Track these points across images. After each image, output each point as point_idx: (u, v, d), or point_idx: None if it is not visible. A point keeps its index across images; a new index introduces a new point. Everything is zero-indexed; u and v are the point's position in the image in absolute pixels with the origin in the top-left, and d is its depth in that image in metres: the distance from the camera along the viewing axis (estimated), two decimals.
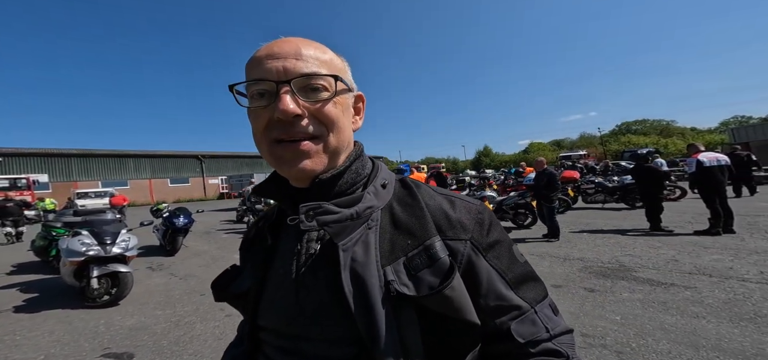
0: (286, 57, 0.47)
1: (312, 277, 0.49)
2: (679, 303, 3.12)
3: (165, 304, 4.08)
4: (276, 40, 0.50)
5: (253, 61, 0.49)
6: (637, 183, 6.98)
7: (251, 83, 0.48)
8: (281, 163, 0.49)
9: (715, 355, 2.27)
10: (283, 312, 0.50)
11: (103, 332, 3.32)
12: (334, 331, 0.47)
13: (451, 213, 0.52)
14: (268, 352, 0.53)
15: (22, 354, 2.95)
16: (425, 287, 0.45)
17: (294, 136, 0.47)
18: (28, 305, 4.20)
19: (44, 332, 3.37)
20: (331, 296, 0.47)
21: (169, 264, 6.33)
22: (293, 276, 0.50)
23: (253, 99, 0.49)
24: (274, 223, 0.58)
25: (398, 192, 0.55)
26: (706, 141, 33.90)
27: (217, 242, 8.56)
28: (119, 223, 4.64)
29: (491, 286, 0.49)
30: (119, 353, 2.88)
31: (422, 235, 0.49)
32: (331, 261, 0.48)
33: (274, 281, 0.53)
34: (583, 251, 5.26)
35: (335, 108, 0.49)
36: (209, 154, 36.97)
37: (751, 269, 3.84)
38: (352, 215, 0.49)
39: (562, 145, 56.68)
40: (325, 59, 0.50)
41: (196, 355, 2.82)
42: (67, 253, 3.97)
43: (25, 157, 26.02)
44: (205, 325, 3.42)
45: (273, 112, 0.46)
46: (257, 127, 0.50)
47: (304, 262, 0.50)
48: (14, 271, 6.29)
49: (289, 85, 0.46)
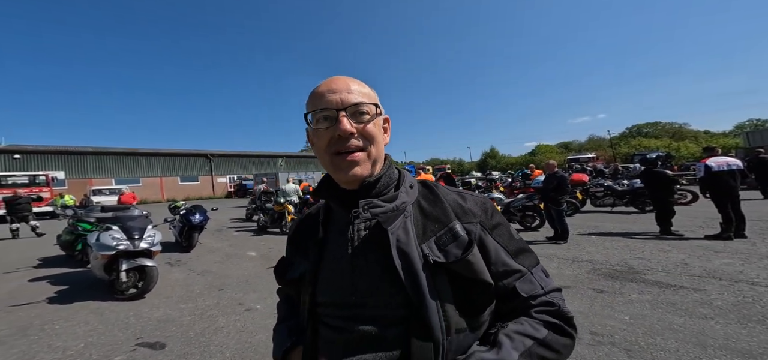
0: (341, 91, 0.64)
1: (364, 259, 0.63)
2: (687, 304, 3.20)
3: (187, 298, 4.27)
4: (331, 78, 0.67)
5: (316, 96, 0.65)
6: (647, 187, 6.99)
7: (318, 111, 0.64)
8: (339, 170, 0.65)
9: (722, 353, 2.36)
10: (340, 288, 0.64)
11: (134, 323, 3.52)
12: (386, 298, 0.60)
13: (464, 204, 0.69)
14: (329, 322, 0.65)
15: (63, 342, 3.16)
16: (452, 256, 0.61)
17: (347, 149, 0.64)
18: (61, 297, 4.44)
19: (79, 322, 3.59)
20: (382, 271, 0.61)
21: (186, 260, 6.55)
22: (348, 259, 0.64)
23: (317, 123, 0.65)
24: (322, 220, 0.73)
25: (422, 191, 0.72)
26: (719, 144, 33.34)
27: (229, 239, 8.79)
28: (145, 219, 4.85)
29: (498, 256, 0.65)
30: (152, 343, 3.07)
31: (445, 220, 0.66)
32: (379, 245, 0.62)
33: (329, 265, 0.67)
34: (591, 253, 5.32)
35: (374, 127, 0.66)
36: (218, 153, 37.50)
37: (762, 273, 3.88)
38: (394, 208, 0.65)
39: (569, 147, 56.04)
40: (366, 92, 0.67)
41: (221, 346, 2.98)
42: (98, 247, 4.19)
43: (42, 154, 26.76)
44: (227, 319, 3.58)
45: (334, 131, 0.63)
46: (321, 144, 0.65)
47: (356, 248, 0.64)
48: (40, 264, 6.58)
49: (346, 111, 0.63)
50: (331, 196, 0.70)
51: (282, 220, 9.24)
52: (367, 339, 0.60)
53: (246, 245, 7.85)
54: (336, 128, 0.62)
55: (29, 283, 5.27)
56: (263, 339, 3.04)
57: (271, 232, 9.56)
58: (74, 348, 3.02)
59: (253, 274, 5.31)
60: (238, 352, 2.84)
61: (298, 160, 46.29)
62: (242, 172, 38.55)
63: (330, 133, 0.63)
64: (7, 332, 3.41)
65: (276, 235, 9.06)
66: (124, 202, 14.39)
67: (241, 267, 5.78)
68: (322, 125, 0.64)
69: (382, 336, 0.59)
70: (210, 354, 2.83)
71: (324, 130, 0.64)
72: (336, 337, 0.63)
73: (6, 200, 11.03)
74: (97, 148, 30.24)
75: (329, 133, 0.63)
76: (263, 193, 11.79)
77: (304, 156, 49.61)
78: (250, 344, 2.97)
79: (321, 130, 0.64)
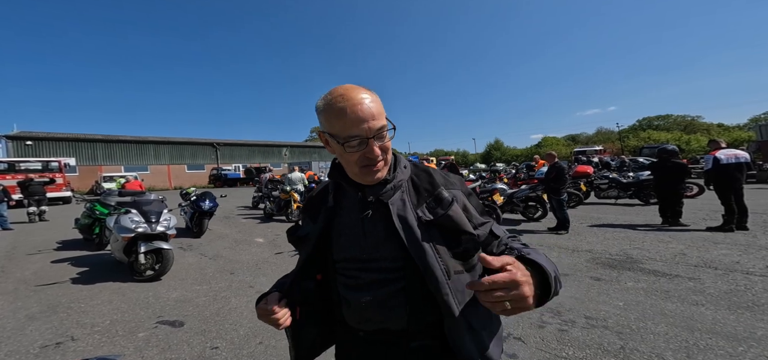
0: (368, 120, 0.75)
1: (372, 225, 0.82)
2: (681, 292, 3.32)
3: (201, 281, 4.49)
4: (353, 100, 0.75)
5: (344, 121, 0.75)
6: (657, 178, 6.94)
7: (350, 138, 0.76)
8: (366, 177, 0.80)
9: (708, 337, 2.49)
10: (355, 247, 0.83)
11: (154, 303, 3.74)
12: (389, 252, 0.80)
13: (448, 177, 0.90)
14: (345, 273, 0.85)
15: (91, 319, 3.38)
16: (439, 214, 0.80)
17: (373, 162, 0.78)
18: (83, 278, 4.69)
19: (104, 301, 3.82)
20: (386, 234, 0.80)
21: (197, 245, 6.79)
22: (359, 225, 0.83)
23: (349, 147, 0.76)
24: (334, 195, 0.90)
25: (413, 169, 0.91)
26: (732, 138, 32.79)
27: (237, 226, 9.03)
28: (161, 203, 5.04)
29: (474, 214, 0.86)
30: (172, 321, 3.28)
31: (432, 189, 0.85)
32: (383, 214, 0.81)
33: (344, 230, 0.85)
34: (592, 244, 5.43)
35: (390, 140, 0.82)
36: (223, 142, 37.86)
37: (758, 263, 3.98)
38: (392, 187, 0.83)
39: (577, 139, 55.43)
40: (381, 111, 0.79)
41: (235, 325, 3.17)
42: (119, 230, 4.41)
43: (53, 141, 27.29)
44: (239, 300, 3.78)
45: (364, 152, 0.77)
46: (351, 160, 0.79)
47: (365, 217, 0.83)
48: (60, 247, 6.88)
49: (374, 138, 0.76)
50: (343, 179, 0.86)
51: (288, 207, 9.45)
52: (376, 282, 0.81)
53: (254, 232, 8.09)
54: (367, 151, 0.76)
55: (52, 264, 5.55)
56: None
57: (278, 219, 9.78)
58: (101, 324, 3.25)
59: (261, 259, 5.52)
60: (251, 330, 3.03)
61: (302, 150, 46.51)
62: (247, 161, 38.95)
63: (360, 152, 0.77)
64: (37, 309, 3.66)
65: (282, 222, 9.28)
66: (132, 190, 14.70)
67: (250, 252, 6.00)
68: (353, 148, 0.76)
69: (387, 279, 0.80)
70: (225, 331, 3.03)
71: (355, 151, 0.77)
72: (352, 283, 0.84)
73: (20, 183, 11.40)
74: (106, 136, 30.73)
75: (359, 153, 0.77)
76: (270, 181, 12.00)
77: (308, 145, 49.84)
78: (263, 324, 3.14)
79: (351, 152, 0.77)
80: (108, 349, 2.79)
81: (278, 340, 2.82)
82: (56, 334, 3.10)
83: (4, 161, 18.70)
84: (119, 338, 2.96)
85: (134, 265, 4.41)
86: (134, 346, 2.81)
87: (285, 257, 5.55)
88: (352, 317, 0.85)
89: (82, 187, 25.54)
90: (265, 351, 2.68)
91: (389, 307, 0.80)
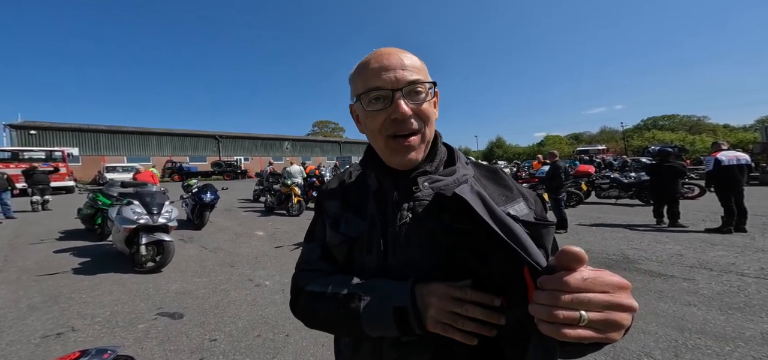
0: (395, 69, 0.59)
1: (418, 228, 0.61)
2: (674, 292, 3.35)
3: (201, 273, 4.54)
4: (381, 52, 0.62)
5: (367, 73, 0.61)
6: (655, 178, 6.91)
7: (370, 92, 0.60)
8: (394, 155, 0.63)
9: (697, 337, 2.53)
10: (395, 254, 0.62)
11: (154, 294, 3.79)
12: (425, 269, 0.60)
13: (524, 190, 0.68)
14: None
15: (92, 310, 3.44)
16: (534, 217, 0.62)
17: (403, 131, 0.61)
18: (84, 268, 4.76)
19: (104, 292, 3.88)
20: (432, 238, 0.60)
21: (198, 237, 6.85)
22: (404, 229, 0.62)
23: (369, 104, 0.61)
24: (375, 190, 0.69)
25: (478, 167, 0.72)
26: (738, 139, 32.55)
27: (237, 219, 9.09)
28: (163, 195, 5.09)
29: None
30: (171, 313, 3.33)
31: (513, 194, 0.65)
32: (436, 216, 0.60)
33: (390, 232, 0.63)
34: (589, 243, 5.46)
35: (429, 106, 0.63)
36: (226, 135, 37.92)
37: (753, 265, 4.00)
38: (455, 181, 0.65)
39: (580, 138, 55.20)
40: (419, 66, 0.63)
41: (234, 317, 3.22)
42: (121, 221, 4.46)
43: (57, 131, 27.42)
44: (239, 293, 3.83)
45: (389, 113, 0.60)
46: (375, 125, 0.62)
47: (413, 219, 0.62)
48: (62, 237, 6.96)
49: (401, 91, 0.59)
50: (380, 170, 0.68)
51: (288, 201, 9.50)
52: None
53: (254, 225, 8.14)
54: (392, 110, 0.59)
55: (54, 253, 5.61)
56: (272, 312, 3.28)
57: (278, 213, 9.84)
58: (102, 315, 3.31)
59: (261, 252, 5.57)
60: (249, 323, 3.08)
61: (303, 143, 46.52)
62: (249, 153, 39.05)
63: (384, 114, 0.60)
64: (40, 299, 3.72)
65: (282, 216, 9.34)
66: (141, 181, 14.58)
67: (250, 246, 6.05)
68: (376, 106, 0.61)
69: None
70: (224, 324, 3.08)
71: (378, 111, 0.60)
72: None
73: (24, 172, 11.50)
74: (110, 127, 30.83)
75: (383, 115, 0.60)
76: (271, 174, 12.05)
77: (310, 139, 49.87)
78: (261, 317, 3.21)
79: (374, 112, 0.61)
80: (108, 339, 2.84)
81: (276, 334, 2.88)
82: (57, 324, 3.15)
83: (7, 150, 18.83)
84: (119, 329, 3.02)
85: (135, 257, 4.47)
86: (134, 337, 2.87)
87: (285, 251, 5.61)
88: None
89: (85, 177, 25.69)
90: (262, 344, 2.73)
91: (411, 343, 0.61)
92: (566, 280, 0.40)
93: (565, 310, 0.40)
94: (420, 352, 0.60)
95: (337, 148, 49.49)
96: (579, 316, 0.39)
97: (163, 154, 32.79)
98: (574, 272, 0.41)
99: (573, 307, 0.40)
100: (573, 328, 0.39)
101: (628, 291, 0.41)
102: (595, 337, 0.40)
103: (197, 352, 2.61)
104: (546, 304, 0.41)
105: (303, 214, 9.39)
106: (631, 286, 0.42)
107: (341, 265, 0.70)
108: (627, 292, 0.41)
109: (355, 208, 0.70)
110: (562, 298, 0.40)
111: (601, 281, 0.40)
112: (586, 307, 0.39)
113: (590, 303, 0.40)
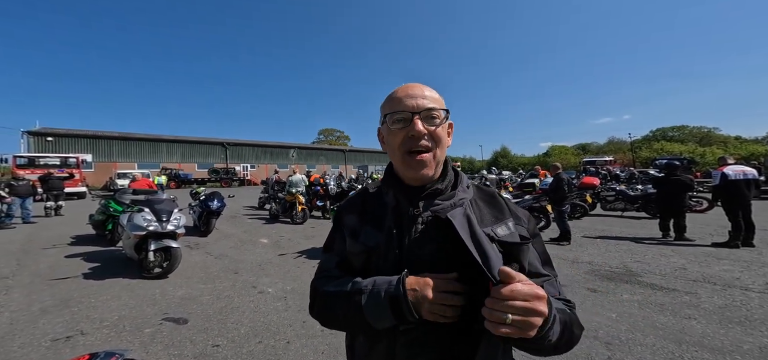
0: (417, 97, 0.73)
1: (418, 248, 0.72)
2: (675, 306, 3.33)
3: (206, 280, 4.63)
4: (408, 85, 0.76)
5: (395, 100, 0.74)
6: (662, 191, 6.84)
7: (395, 113, 0.73)
8: (409, 168, 0.74)
9: (694, 350, 2.53)
10: (416, 260, 0.71)
11: (160, 300, 3.89)
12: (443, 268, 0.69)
13: (516, 210, 0.79)
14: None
15: (100, 314, 3.55)
16: (515, 238, 0.71)
17: (418, 148, 0.73)
18: (94, 273, 4.89)
19: (113, 297, 3.99)
20: (435, 256, 0.70)
21: (204, 244, 6.97)
22: (406, 246, 0.72)
23: (394, 124, 0.74)
24: (393, 207, 0.79)
25: (478, 191, 0.82)
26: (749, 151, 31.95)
27: (243, 226, 9.21)
28: (173, 203, 5.23)
29: (533, 260, 0.74)
30: (176, 318, 3.42)
31: (502, 216, 0.76)
32: (433, 237, 0.71)
33: (405, 243, 0.73)
34: (592, 255, 5.43)
35: (442, 131, 0.75)
36: (233, 142, 38.50)
37: (758, 280, 3.95)
38: (451, 205, 0.74)
39: (587, 149, 54.64)
40: (437, 98, 0.76)
41: (237, 324, 3.29)
42: (131, 228, 4.60)
43: (72, 137, 28.23)
44: (242, 299, 3.90)
45: (408, 131, 0.72)
46: (395, 142, 0.74)
47: (414, 238, 0.73)
48: (74, 242, 7.15)
49: (419, 115, 0.72)
50: (397, 188, 0.79)
51: (293, 209, 9.62)
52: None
53: (258, 232, 8.26)
54: (410, 129, 0.72)
55: (65, 258, 5.78)
56: (275, 319, 3.35)
57: (283, 220, 9.95)
58: (110, 319, 3.41)
59: (265, 260, 5.66)
60: (251, 329, 3.15)
61: (309, 151, 46.95)
62: (256, 161, 39.55)
63: (404, 132, 0.73)
64: (51, 303, 3.84)
65: (287, 224, 9.45)
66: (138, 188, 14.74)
67: (255, 253, 6.15)
68: (398, 126, 0.73)
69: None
70: (227, 330, 3.15)
71: (399, 130, 0.73)
72: None
73: (41, 178, 11.86)
74: (123, 134, 31.63)
75: (403, 133, 0.73)
76: (276, 182, 12.22)
77: (315, 147, 50.28)
78: (263, 323, 3.27)
79: (396, 130, 0.73)
80: (115, 343, 2.93)
81: (278, 340, 2.94)
82: (67, 328, 3.25)
83: (24, 156, 19.42)
84: (126, 333, 3.11)
85: (143, 262, 4.58)
86: (140, 341, 2.95)
87: (288, 259, 5.68)
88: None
89: (96, 183, 26.29)
90: (264, 350, 2.79)
91: (420, 344, 0.71)
92: (501, 291, 0.55)
93: (497, 312, 0.55)
94: (427, 351, 0.71)
95: (341, 156, 49.84)
96: (505, 318, 0.54)
97: (173, 160, 33.41)
98: (508, 285, 0.56)
99: (503, 310, 0.55)
100: (503, 326, 0.54)
101: (544, 300, 0.56)
102: (517, 333, 0.55)
103: (200, 358, 2.68)
104: (488, 307, 0.56)
105: (307, 221, 9.49)
106: (546, 295, 0.56)
107: (357, 272, 0.78)
108: (542, 301, 0.56)
109: (373, 222, 0.80)
110: (496, 304, 0.55)
111: (522, 293, 0.55)
112: (512, 311, 0.54)
113: (513, 308, 0.54)
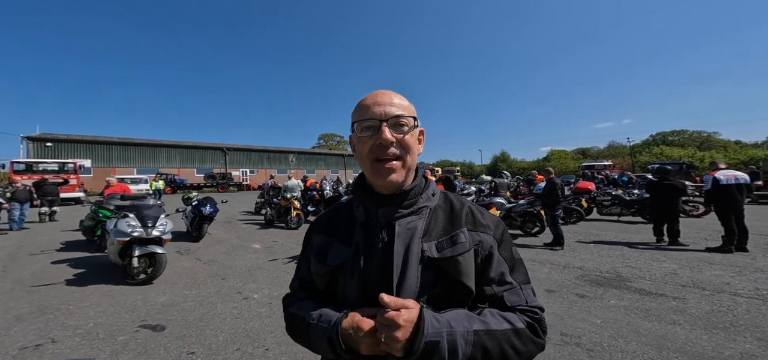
0: (384, 104, 0.72)
1: (387, 255, 0.72)
2: (661, 311, 3.27)
3: (192, 285, 4.57)
4: (376, 92, 0.75)
5: (363, 108, 0.73)
6: (654, 196, 6.81)
7: (363, 121, 0.73)
8: (377, 176, 0.73)
9: (675, 355, 2.46)
10: (373, 278, 0.72)
11: (140, 307, 3.83)
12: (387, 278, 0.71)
13: (481, 218, 0.78)
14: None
15: (75, 321, 3.48)
16: (444, 255, 0.71)
17: (387, 156, 0.72)
18: (78, 279, 4.83)
19: (92, 303, 3.93)
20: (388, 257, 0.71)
21: (194, 249, 6.91)
22: (378, 254, 0.73)
23: (362, 131, 0.73)
24: (363, 221, 0.79)
25: (442, 200, 0.81)
26: (748, 156, 31.91)
27: (236, 231, 9.15)
28: (159, 208, 5.20)
29: (498, 266, 0.74)
30: (154, 325, 3.35)
31: (451, 228, 0.75)
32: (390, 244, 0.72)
33: (367, 259, 0.74)
34: (584, 260, 5.36)
35: (411, 138, 0.74)
36: (233, 147, 38.55)
37: (748, 286, 3.88)
38: (409, 213, 0.75)
39: (587, 153, 54.65)
40: (405, 106, 0.75)
41: (216, 331, 3.23)
42: (115, 234, 4.55)
43: (72, 143, 28.26)
44: (225, 306, 3.84)
45: (376, 139, 0.72)
46: (364, 150, 0.74)
47: (381, 247, 0.73)
48: (63, 248, 7.09)
49: (387, 122, 0.71)
50: (366, 197, 0.78)
51: (288, 214, 9.57)
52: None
53: (252, 238, 8.19)
54: (378, 137, 0.71)
55: (51, 265, 5.72)
56: (256, 326, 3.28)
57: (278, 225, 9.90)
58: (84, 327, 3.34)
59: (255, 265, 5.59)
60: (230, 336, 3.08)
61: (308, 157, 46.98)
62: (255, 166, 39.56)
63: (372, 140, 0.72)
64: (27, 310, 3.78)
65: (282, 229, 9.39)
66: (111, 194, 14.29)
67: (245, 258, 6.08)
68: (366, 134, 0.72)
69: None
70: (205, 337, 3.09)
71: (367, 138, 0.72)
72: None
73: (35, 184, 11.83)
74: (122, 139, 31.63)
75: (371, 141, 0.72)
76: (272, 187, 12.18)
77: (315, 152, 50.32)
78: (244, 330, 3.21)
79: (365, 138, 0.73)
80: (85, 351, 2.86)
81: (256, 348, 2.87)
82: (39, 335, 3.18)
83: (22, 162, 19.42)
84: (98, 341, 3.04)
85: (127, 268, 4.53)
86: (111, 349, 2.88)
87: (278, 264, 5.62)
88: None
89: (96, 189, 26.27)
90: (240, 358, 2.72)
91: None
92: (380, 315, 0.64)
93: (378, 331, 0.64)
94: None
95: (341, 161, 49.86)
96: (380, 337, 0.63)
97: (172, 165, 33.41)
98: (384, 311, 0.63)
99: (379, 330, 0.64)
100: (381, 343, 0.63)
101: (402, 328, 0.61)
102: (387, 349, 0.63)
103: None
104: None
105: (301, 227, 9.44)
106: (408, 323, 0.62)
107: (323, 291, 0.80)
108: (402, 328, 0.61)
109: (342, 236, 0.80)
110: (376, 324, 0.65)
111: (389, 318, 0.62)
112: (383, 331, 0.63)
113: (382, 328, 0.63)
